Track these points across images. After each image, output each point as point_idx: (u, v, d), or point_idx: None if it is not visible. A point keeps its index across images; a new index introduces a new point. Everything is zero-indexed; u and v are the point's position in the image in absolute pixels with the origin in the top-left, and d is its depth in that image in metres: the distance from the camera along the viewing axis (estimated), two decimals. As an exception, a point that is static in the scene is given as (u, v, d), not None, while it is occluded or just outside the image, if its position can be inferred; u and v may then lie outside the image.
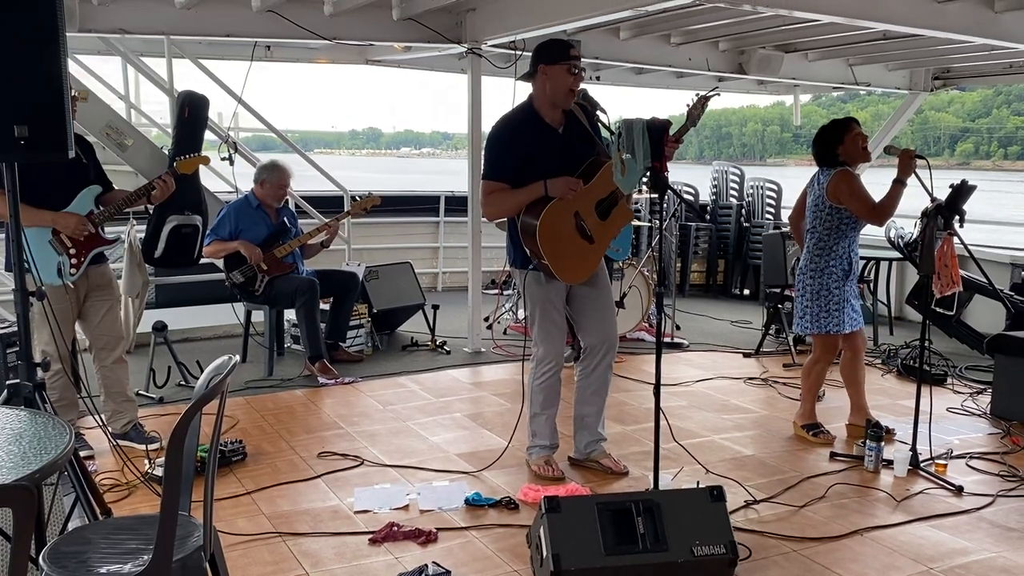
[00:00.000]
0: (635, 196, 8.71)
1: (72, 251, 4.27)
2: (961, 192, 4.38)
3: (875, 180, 4.75)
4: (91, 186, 4.36)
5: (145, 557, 2.25)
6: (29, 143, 3.00)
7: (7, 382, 3.25)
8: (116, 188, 4.56)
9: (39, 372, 3.26)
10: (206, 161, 5.02)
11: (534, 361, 4.27)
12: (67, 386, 4.33)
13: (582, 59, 4.13)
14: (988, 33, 5.97)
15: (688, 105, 4.06)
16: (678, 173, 4.35)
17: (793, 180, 4.85)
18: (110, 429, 4.47)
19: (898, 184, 4.50)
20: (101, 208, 4.38)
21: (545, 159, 4.02)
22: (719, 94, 4.22)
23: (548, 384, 4.25)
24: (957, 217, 4.40)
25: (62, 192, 4.25)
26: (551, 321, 4.19)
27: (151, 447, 4.43)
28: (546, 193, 3.97)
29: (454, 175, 6.88)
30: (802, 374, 5.06)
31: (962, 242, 4.78)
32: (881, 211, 4.58)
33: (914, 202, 4.76)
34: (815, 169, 4.82)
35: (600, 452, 4.37)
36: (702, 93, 4.12)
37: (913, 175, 4.43)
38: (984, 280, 5.92)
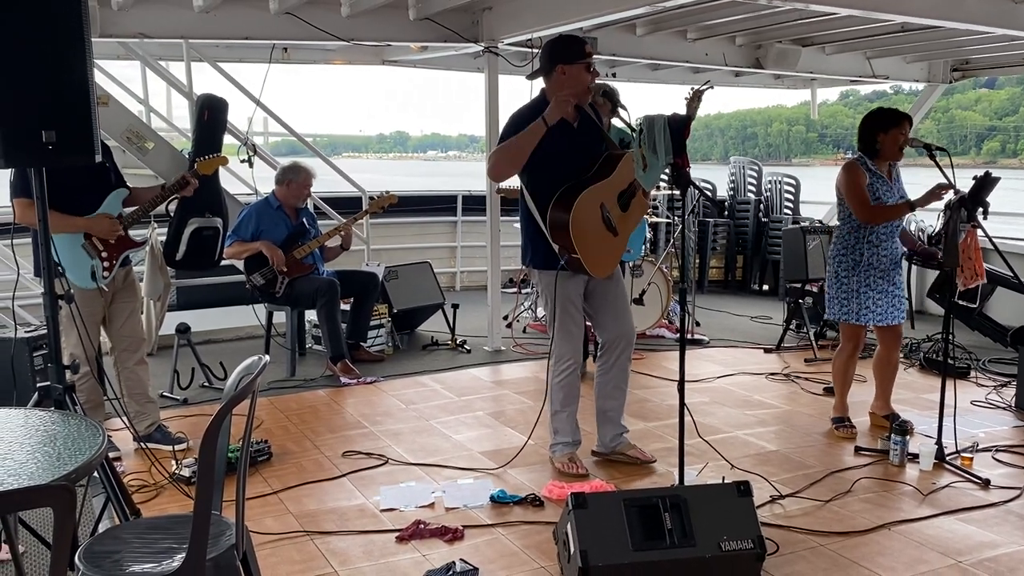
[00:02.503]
0: (653, 192, 8.72)
1: (104, 254, 4.32)
2: (984, 184, 4.35)
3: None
4: (118, 189, 4.41)
5: (179, 556, 2.28)
6: (57, 148, 3.04)
7: (37, 385, 3.29)
8: (133, 187, 4.60)
9: (67, 374, 3.30)
10: (225, 162, 5.06)
11: (553, 359, 4.28)
12: (94, 388, 4.37)
13: (597, 55, 4.14)
14: (1008, 23, 5.92)
15: (686, 98, 4.08)
16: (697, 171, 4.35)
17: (819, 181, 4.85)
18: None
19: (907, 207, 4.56)
20: (128, 211, 4.43)
21: (561, 153, 4.03)
22: (712, 87, 4.24)
23: (568, 381, 4.27)
24: (981, 209, 4.37)
25: (90, 196, 4.30)
26: (571, 319, 4.21)
27: (178, 447, 4.46)
28: (545, 122, 3.94)
29: (478, 177, 6.89)
30: (831, 364, 5.08)
31: (986, 234, 4.75)
32: (874, 213, 4.59)
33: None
34: (839, 168, 4.82)
35: (625, 444, 4.40)
36: (696, 87, 4.14)
37: (936, 167, 4.42)
38: (1009, 272, 5.87)
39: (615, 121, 4.72)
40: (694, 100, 4.06)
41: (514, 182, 4.48)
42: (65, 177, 4.00)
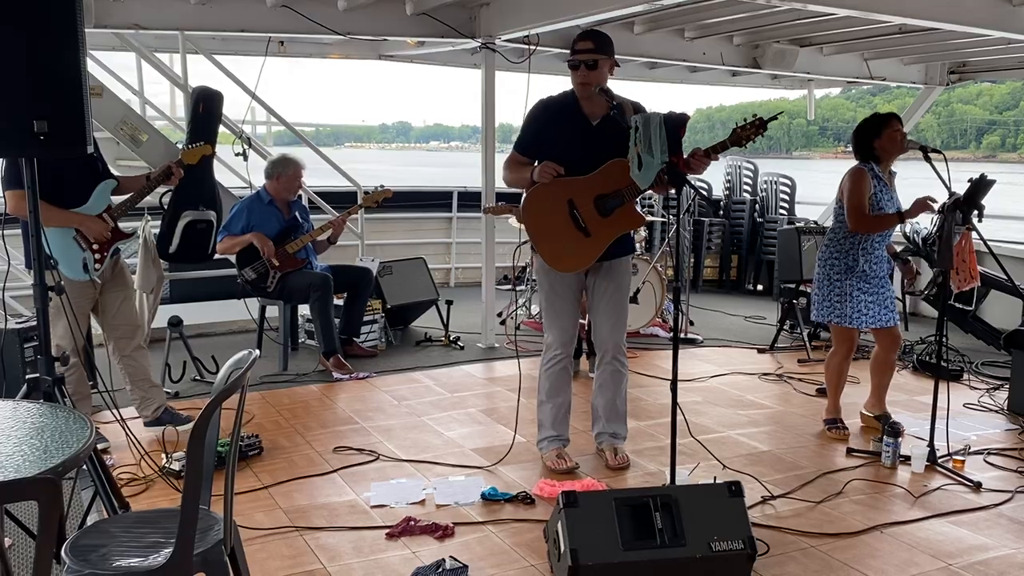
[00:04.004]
0: (649, 192, 8.71)
1: (95, 246, 4.32)
2: (980, 186, 4.35)
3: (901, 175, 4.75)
4: (107, 181, 4.39)
5: (166, 550, 2.26)
6: (48, 138, 3.02)
7: (26, 376, 3.27)
8: (120, 177, 4.59)
9: (56, 366, 3.28)
10: (209, 150, 5.02)
11: (544, 347, 4.32)
12: (82, 380, 4.36)
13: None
14: (1006, 26, 5.92)
15: (738, 125, 3.79)
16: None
17: (817, 173, 4.83)
18: (142, 417, 4.57)
19: (898, 218, 4.56)
20: (117, 199, 4.43)
21: (570, 147, 4.04)
22: (777, 118, 3.93)
23: (554, 372, 4.28)
24: (976, 212, 4.36)
25: (79, 187, 4.29)
26: (556, 308, 4.24)
27: (189, 425, 4.50)
28: (531, 177, 4.04)
29: (479, 168, 6.85)
30: (824, 366, 5.08)
31: (981, 237, 4.75)
32: (865, 222, 4.58)
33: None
34: (839, 162, 4.81)
35: (606, 444, 4.41)
36: (761, 117, 3.75)
37: (931, 168, 4.42)
38: (1003, 275, 5.88)
39: None
40: (749, 129, 3.75)
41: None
42: (55, 168, 4.00)
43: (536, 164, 4.05)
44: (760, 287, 10.15)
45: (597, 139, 4.06)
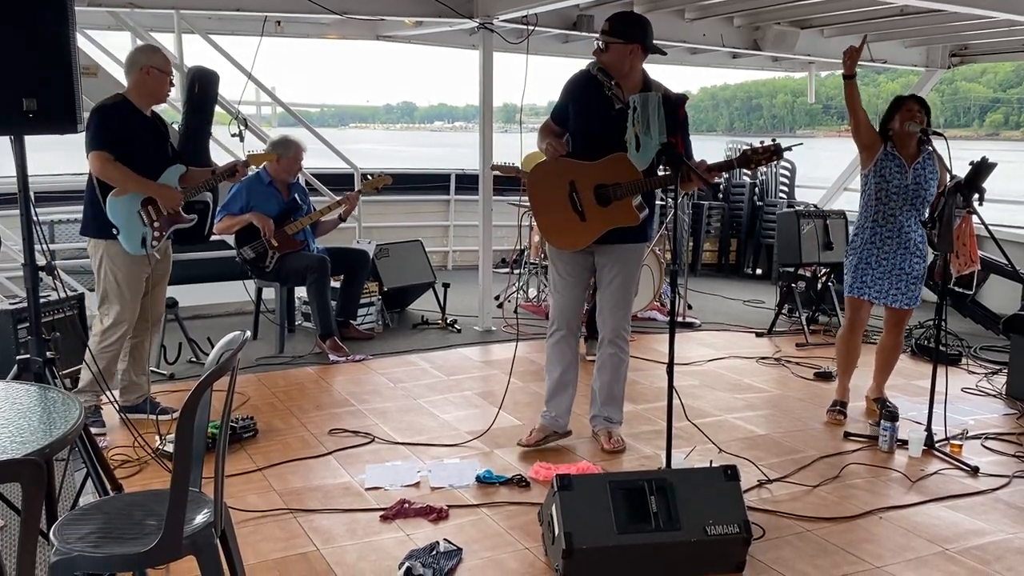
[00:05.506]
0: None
1: (156, 224, 4.37)
2: (981, 170, 4.31)
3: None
4: (177, 165, 4.46)
5: (156, 533, 2.24)
6: (38, 116, 2.99)
7: (17, 357, 3.25)
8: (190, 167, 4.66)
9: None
10: (273, 157, 5.37)
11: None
12: (114, 359, 4.42)
13: (592, 33, 4.11)
14: (1009, 8, 5.87)
15: (750, 148, 3.78)
16: (698, 144, 4.28)
17: (820, 152, 4.80)
18: (121, 401, 4.53)
19: (845, 79, 4.58)
20: (183, 188, 4.51)
21: (591, 123, 4.05)
22: (791, 149, 3.89)
23: (551, 344, 4.36)
24: (976, 195, 4.33)
25: (154, 163, 4.36)
26: (556, 284, 4.32)
27: (162, 417, 4.50)
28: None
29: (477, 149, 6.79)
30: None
31: (981, 221, 4.72)
32: (852, 128, 4.67)
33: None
34: (843, 141, 4.82)
35: (600, 428, 4.41)
36: (779, 144, 3.72)
37: (933, 151, 4.39)
38: (1004, 260, 5.85)
39: None
40: (759, 155, 3.73)
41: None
42: (143, 139, 4.23)
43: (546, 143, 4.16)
44: (759, 271, 10.13)
45: (613, 122, 3.98)
